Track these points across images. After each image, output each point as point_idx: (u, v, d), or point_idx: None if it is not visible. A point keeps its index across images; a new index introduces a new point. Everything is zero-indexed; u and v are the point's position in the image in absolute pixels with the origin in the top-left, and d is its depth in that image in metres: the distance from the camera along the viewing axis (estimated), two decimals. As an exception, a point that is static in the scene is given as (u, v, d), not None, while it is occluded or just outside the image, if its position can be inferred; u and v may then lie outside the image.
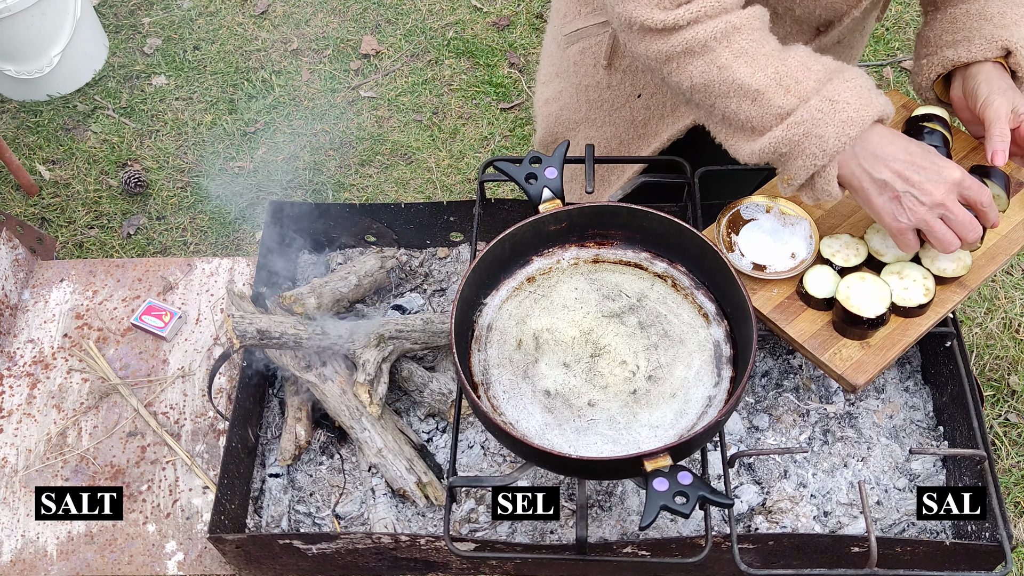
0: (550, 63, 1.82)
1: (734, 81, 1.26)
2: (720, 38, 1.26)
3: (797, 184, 1.29)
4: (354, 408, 1.62)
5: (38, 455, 1.78)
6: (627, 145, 1.75)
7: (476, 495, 1.61)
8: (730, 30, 1.26)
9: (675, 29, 1.27)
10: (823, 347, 1.36)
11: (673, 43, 1.28)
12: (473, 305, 1.42)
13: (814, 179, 1.28)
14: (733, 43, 1.26)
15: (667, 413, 1.32)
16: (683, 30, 1.27)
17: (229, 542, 1.51)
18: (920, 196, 1.24)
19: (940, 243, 1.26)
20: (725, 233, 1.46)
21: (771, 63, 1.26)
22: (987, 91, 1.35)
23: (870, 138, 1.25)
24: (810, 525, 1.54)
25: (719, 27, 1.25)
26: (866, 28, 1.67)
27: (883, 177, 1.25)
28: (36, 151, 3.39)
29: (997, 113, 1.33)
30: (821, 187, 1.28)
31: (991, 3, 1.41)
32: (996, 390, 2.59)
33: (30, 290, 2.01)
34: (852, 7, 1.47)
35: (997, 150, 1.32)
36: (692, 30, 1.26)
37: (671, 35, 1.28)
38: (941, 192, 1.24)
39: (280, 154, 3.34)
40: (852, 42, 1.64)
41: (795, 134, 1.24)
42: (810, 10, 1.46)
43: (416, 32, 3.70)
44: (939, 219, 1.26)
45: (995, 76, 1.37)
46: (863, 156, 1.26)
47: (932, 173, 1.25)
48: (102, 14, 3.81)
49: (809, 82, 1.25)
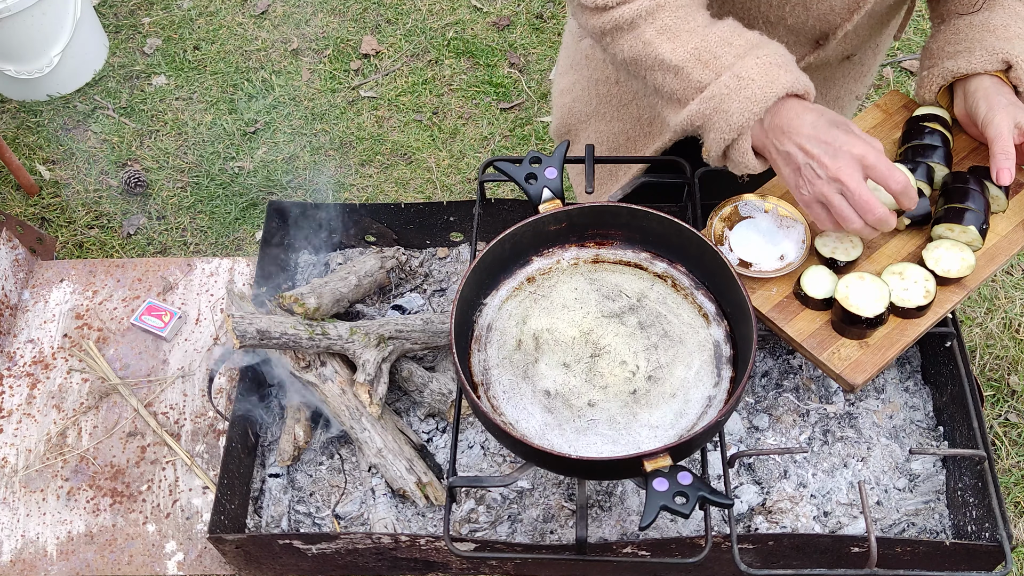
0: (566, 54, 1.85)
1: (657, 56, 1.32)
2: (645, 15, 1.32)
3: (714, 156, 1.34)
4: (354, 408, 1.62)
5: (38, 455, 1.78)
6: (634, 141, 1.76)
7: (476, 495, 1.61)
8: (654, 7, 1.32)
9: (607, 8, 1.34)
10: (822, 346, 1.36)
11: (605, 20, 1.35)
12: (473, 305, 1.42)
13: (728, 152, 1.32)
14: (657, 20, 1.32)
15: (667, 413, 1.32)
16: (614, 9, 1.33)
17: (229, 542, 1.51)
18: (817, 169, 1.24)
19: (839, 219, 1.25)
20: (719, 227, 1.47)
21: (692, 39, 1.31)
22: (986, 108, 1.35)
23: (780, 112, 1.27)
24: (810, 525, 1.54)
25: (644, 5, 1.32)
26: (880, 46, 1.66)
27: (786, 149, 1.27)
28: (36, 151, 3.39)
29: (999, 130, 1.32)
30: (736, 159, 1.32)
31: (994, 15, 1.40)
32: (996, 390, 2.59)
33: (30, 290, 2.01)
34: (845, 20, 1.46)
35: (1002, 168, 1.31)
36: (621, 9, 1.33)
37: (604, 13, 1.35)
38: (838, 166, 1.23)
39: (280, 154, 3.34)
40: (864, 59, 1.64)
41: (707, 108, 1.29)
42: (802, 20, 1.46)
43: (416, 32, 3.70)
44: (838, 194, 1.24)
45: (994, 92, 1.36)
46: (771, 130, 1.28)
47: (833, 148, 1.24)
48: (102, 14, 3.81)
49: (727, 56, 1.29)
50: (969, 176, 1.39)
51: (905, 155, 1.46)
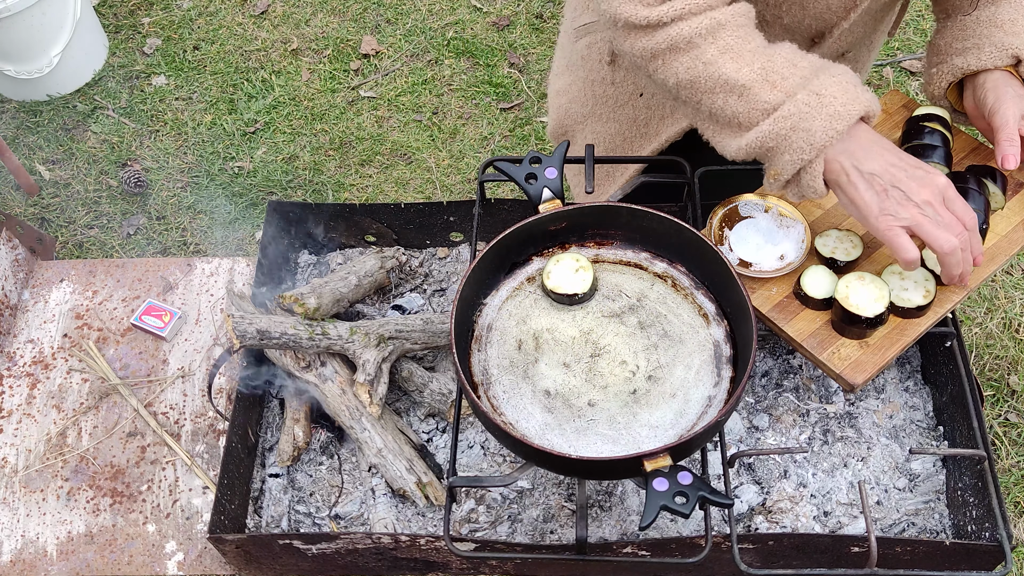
0: (562, 55, 1.84)
1: (720, 76, 1.26)
2: (705, 34, 1.26)
3: (784, 180, 1.29)
4: (354, 408, 1.62)
5: (38, 455, 1.78)
6: (630, 143, 1.75)
7: (476, 495, 1.61)
8: (715, 26, 1.26)
9: (659, 26, 1.27)
10: (822, 346, 1.36)
11: (658, 40, 1.28)
12: (473, 305, 1.42)
13: (800, 175, 1.27)
14: (719, 39, 1.26)
15: (667, 413, 1.32)
16: (668, 27, 1.27)
17: (229, 542, 1.51)
18: (909, 192, 1.22)
19: (934, 241, 1.22)
20: (718, 227, 1.47)
21: (757, 59, 1.26)
22: (994, 98, 1.35)
23: (856, 134, 1.25)
24: (810, 525, 1.54)
25: (704, 23, 1.26)
26: (874, 43, 1.66)
27: (871, 169, 1.23)
28: (36, 151, 3.38)
29: (1005, 119, 1.32)
30: (807, 183, 1.27)
31: (1002, 11, 1.40)
32: (996, 390, 2.59)
33: (30, 290, 2.01)
34: (841, 19, 1.46)
35: (1007, 154, 1.31)
36: (677, 27, 1.26)
37: (656, 32, 1.28)
38: (928, 192, 1.22)
39: (280, 154, 3.34)
40: (858, 56, 1.64)
41: (782, 128, 1.24)
42: (799, 19, 1.46)
43: (416, 32, 3.70)
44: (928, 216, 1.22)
45: (1003, 83, 1.36)
46: (851, 151, 1.25)
47: (921, 173, 1.23)
48: (102, 14, 3.81)
49: (795, 77, 1.25)
50: (969, 176, 1.39)
51: None
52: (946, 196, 1.23)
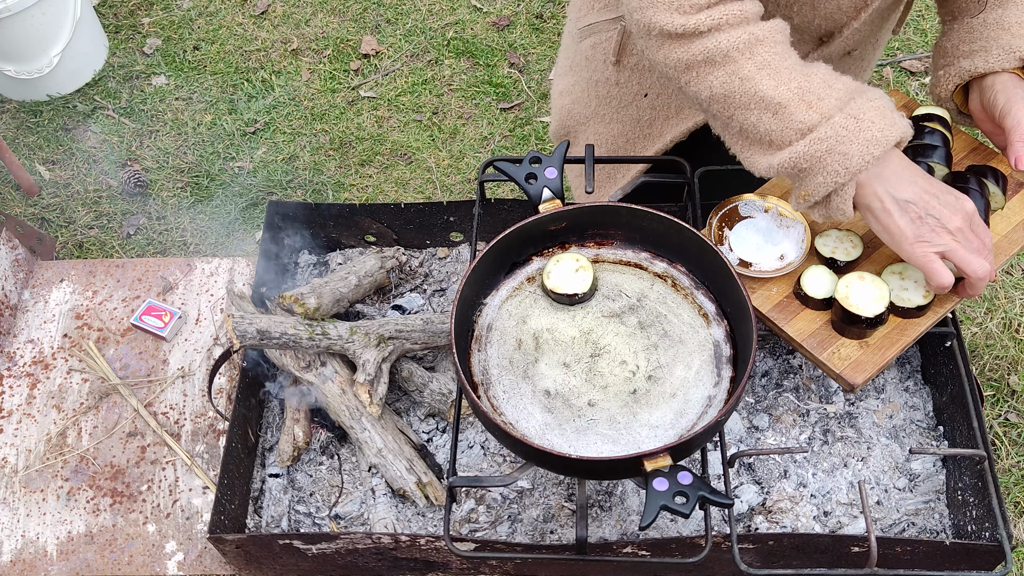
0: (565, 55, 1.84)
1: (756, 93, 1.24)
2: (743, 49, 1.24)
3: (813, 201, 1.28)
4: (354, 408, 1.62)
5: (38, 455, 1.78)
6: (634, 143, 1.75)
7: (476, 495, 1.61)
8: (753, 41, 1.24)
9: (695, 35, 1.25)
10: (822, 346, 1.36)
11: (694, 51, 1.26)
12: (473, 305, 1.42)
13: (831, 197, 1.26)
14: (756, 55, 1.25)
15: (667, 413, 1.32)
16: (704, 37, 1.25)
17: (229, 542, 1.51)
18: (943, 219, 1.24)
19: (968, 265, 1.24)
20: (718, 227, 1.47)
21: (794, 77, 1.24)
22: (1004, 100, 1.35)
23: (889, 159, 1.24)
24: (810, 525, 1.54)
25: (742, 38, 1.24)
26: (879, 41, 1.66)
27: (906, 197, 1.23)
28: (36, 151, 3.39)
29: (1017, 120, 1.32)
30: (837, 205, 1.26)
31: (1008, 13, 1.40)
32: (996, 390, 2.59)
33: (30, 290, 2.01)
34: (851, 19, 1.46)
35: (1021, 155, 1.31)
36: (714, 38, 1.24)
37: (691, 42, 1.26)
38: (959, 219, 1.24)
39: (280, 154, 3.34)
40: (864, 54, 1.64)
41: (818, 150, 1.22)
42: (808, 19, 1.45)
43: (416, 32, 3.70)
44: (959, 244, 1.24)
45: (1012, 85, 1.36)
46: (884, 176, 1.24)
47: (952, 200, 1.25)
48: (102, 14, 3.81)
49: (832, 99, 1.24)
50: (969, 176, 1.39)
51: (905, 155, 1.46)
52: (972, 221, 1.26)
